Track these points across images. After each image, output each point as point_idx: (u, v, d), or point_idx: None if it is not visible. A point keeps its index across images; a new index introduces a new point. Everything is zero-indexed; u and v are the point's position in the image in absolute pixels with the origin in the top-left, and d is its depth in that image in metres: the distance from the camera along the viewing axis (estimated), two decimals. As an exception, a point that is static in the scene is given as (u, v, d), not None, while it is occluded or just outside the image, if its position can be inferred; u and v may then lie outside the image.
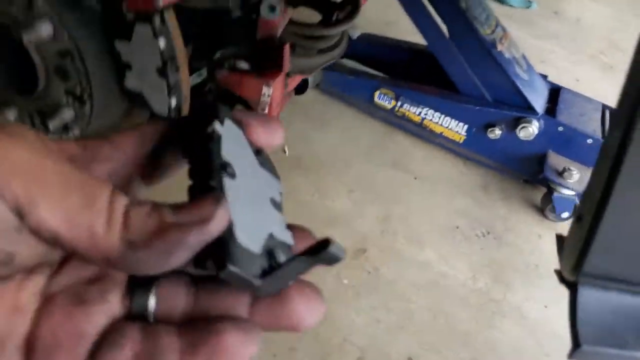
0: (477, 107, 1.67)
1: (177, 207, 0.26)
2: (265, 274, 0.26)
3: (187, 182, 0.27)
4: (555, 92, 1.76)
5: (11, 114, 0.70)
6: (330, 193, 1.47)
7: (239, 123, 0.31)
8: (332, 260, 0.26)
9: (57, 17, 0.60)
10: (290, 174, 1.47)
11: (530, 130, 1.62)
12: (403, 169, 1.63)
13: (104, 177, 0.29)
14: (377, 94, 1.78)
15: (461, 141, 1.73)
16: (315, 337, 1.11)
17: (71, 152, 0.30)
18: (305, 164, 1.52)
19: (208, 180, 0.26)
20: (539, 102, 1.68)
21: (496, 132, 1.65)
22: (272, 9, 0.71)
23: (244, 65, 0.74)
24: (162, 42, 0.58)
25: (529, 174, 1.69)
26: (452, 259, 1.37)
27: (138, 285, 0.29)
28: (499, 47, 1.66)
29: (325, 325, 1.13)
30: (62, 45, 0.61)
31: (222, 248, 0.25)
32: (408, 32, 1.93)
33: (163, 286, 0.29)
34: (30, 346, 0.27)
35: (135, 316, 0.28)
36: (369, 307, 1.20)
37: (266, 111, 0.67)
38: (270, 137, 0.32)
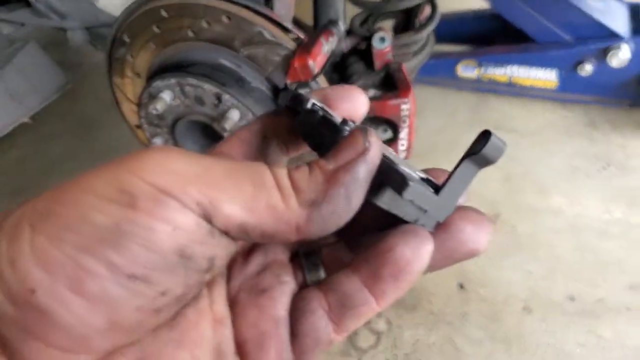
0: (561, 51, 1.70)
1: (328, 157, 0.26)
2: (437, 190, 0.28)
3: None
4: (636, 10, 1.75)
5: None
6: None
7: (322, 100, 0.33)
8: (496, 152, 0.27)
9: (240, 104, 0.79)
10: (405, 166, 1.60)
11: (621, 55, 1.63)
12: (507, 129, 1.71)
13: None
14: (459, 67, 1.87)
15: (554, 87, 1.77)
16: (481, 300, 1.23)
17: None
18: (415, 153, 1.65)
19: (340, 134, 0.27)
20: (621, 25, 1.68)
21: (587, 69, 1.68)
22: (383, 40, 0.86)
23: (373, 92, 0.89)
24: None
25: (632, 97, 1.70)
26: (582, 198, 1.44)
27: (306, 259, 0.31)
28: (567, -13, 1.68)
29: (486, 288, 1.25)
30: (247, 122, 0.80)
31: (394, 173, 0.26)
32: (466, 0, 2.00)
33: (325, 256, 0.31)
34: (241, 348, 0.28)
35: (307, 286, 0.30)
36: (518, 262, 1.31)
37: (407, 123, 0.82)
38: (352, 106, 0.33)
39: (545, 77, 1.77)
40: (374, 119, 0.83)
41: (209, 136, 0.91)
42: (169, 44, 0.83)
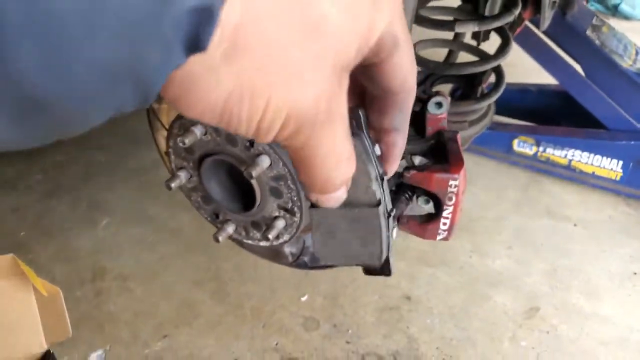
0: (632, 142, 1.58)
1: None
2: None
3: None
4: None
5: (230, 229, 0.83)
6: (488, 252, 1.46)
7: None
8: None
9: (272, 150, 0.72)
10: (443, 237, 1.49)
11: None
12: (559, 217, 1.58)
13: None
14: (515, 142, 1.77)
15: (618, 178, 1.64)
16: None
17: None
18: (456, 225, 1.54)
19: None
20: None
21: (658, 165, 1.54)
22: (439, 105, 0.79)
23: (419, 160, 0.81)
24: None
25: None
26: (638, 309, 1.28)
27: None
28: (646, 77, 1.58)
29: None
30: (277, 171, 0.73)
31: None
32: (530, 72, 1.91)
33: None
34: None
35: None
36: (555, 370, 1.16)
37: (453, 201, 0.72)
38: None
39: (610, 166, 1.64)
40: (416, 189, 0.74)
41: (234, 180, 0.84)
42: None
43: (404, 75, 0.37)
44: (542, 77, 1.76)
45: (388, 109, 0.42)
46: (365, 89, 0.42)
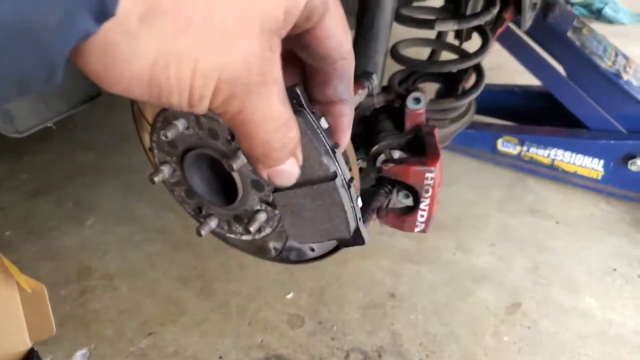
0: (612, 141, 1.61)
1: None
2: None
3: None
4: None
5: (213, 223, 0.84)
6: (472, 249, 1.48)
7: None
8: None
9: (253, 143, 0.73)
10: (427, 235, 1.51)
11: (678, 156, 1.53)
12: (542, 215, 1.60)
13: None
14: (499, 142, 1.79)
15: (599, 177, 1.66)
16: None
17: None
18: (440, 224, 1.55)
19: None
20: (681, 126, 1.58)
21: (638, 163, 1.57)
22: (417, 100, 0.80)
23: (398, 154, 0.82)
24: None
25: (685, 202, 1.58)
26: (616, 304, 1.30)
27: None
28: (625, 77, 1.61)
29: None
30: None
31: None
32: (515, 74, 1.94)
33: None
34: None
35: None
36: (536, 363, 1.18)
37: (430, 193, 0.74)
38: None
39: (592, 165, 1.66)
40: (395, 183, 0.76)
41: (217, 174, 0.85)
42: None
43: (338, 39, 0.38)
44: (527, 79, 1.79)
45: (329, 80, 0.42)
46: (304, 65, 0.42)
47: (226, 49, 0.29)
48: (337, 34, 0.38)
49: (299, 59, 0.42)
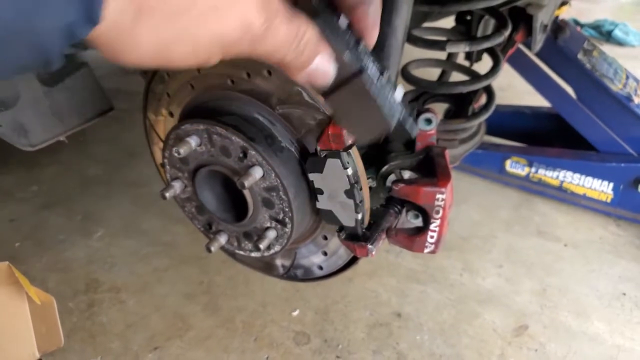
0: (623, 164, 1.60)
1: None
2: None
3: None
4: None
5: (223, 239, 0.85)
6: (479, 270, 1.47)
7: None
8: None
9: (265, 162, 0.74)
10: (434, 255, 1.50)
11: (688, 181, 1.52)
12: (550, 237, 1.59)
13: None
14: (508, 162, 1.79)
15: (609, 200, 1.66)
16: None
17: None
18: (447, 243, 1.55)
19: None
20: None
21: (648, 187, 1.57)
22: (429, 121, 0.81)
23: (409, 175, 0.83)
24: (349, 170, 0.70)
25: (696, 227, 1.56)
26: (626, 329, 1.29)
27: None
28: (636, 100, 1.61)
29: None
30: (269, 182, 0.75)
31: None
32: (524, 94, 1.94)
33: None
34: None
35: None
36: (543, 388, 1.16)
37: (440, 214, 0.74)
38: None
39: (601, 188, 1.66)
40: (405, 203, 0.76)
41: (228, 190, 0.86)
42: (206, 88, 0.80)
43: None
44: (536, 99, 1.80)
45: None
46: None
47: (219, 21, 0.34)
48: None
49: None
